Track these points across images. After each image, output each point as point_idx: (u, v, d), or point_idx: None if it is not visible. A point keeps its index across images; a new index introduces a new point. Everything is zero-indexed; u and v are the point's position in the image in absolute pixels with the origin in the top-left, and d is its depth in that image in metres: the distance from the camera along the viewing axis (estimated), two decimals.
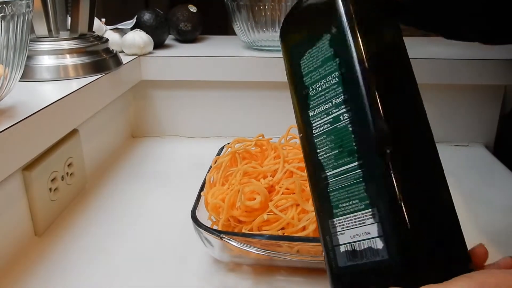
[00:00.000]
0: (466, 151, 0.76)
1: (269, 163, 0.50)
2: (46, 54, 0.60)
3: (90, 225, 0.53)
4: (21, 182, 0.48)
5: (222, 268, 0.45)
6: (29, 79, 0.59)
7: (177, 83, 0.78)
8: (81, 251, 0.48)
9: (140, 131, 0.82)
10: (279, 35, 0.37)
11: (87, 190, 0.61)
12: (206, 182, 0.50)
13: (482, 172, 0.68)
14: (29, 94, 0.54)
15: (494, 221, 0.54)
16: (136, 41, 0.74)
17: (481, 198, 0.59)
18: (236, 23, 0.79)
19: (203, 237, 0.43)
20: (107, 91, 0.65)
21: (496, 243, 0.50)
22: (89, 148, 0.63)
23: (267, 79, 0.75)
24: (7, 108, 0.47)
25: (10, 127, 0.42)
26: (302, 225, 0.42)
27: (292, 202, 0.43)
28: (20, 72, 0.46)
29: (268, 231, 0.43)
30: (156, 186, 0.63)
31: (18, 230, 0.48)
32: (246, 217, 0.44)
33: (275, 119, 0.79)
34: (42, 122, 0.48)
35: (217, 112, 0.80)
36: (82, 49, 0.63)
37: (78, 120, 0.57)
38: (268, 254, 0.41)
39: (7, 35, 0.41)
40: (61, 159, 0.55)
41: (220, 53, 0.77)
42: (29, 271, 0.45)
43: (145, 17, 0.79)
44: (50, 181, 0.52)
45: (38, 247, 0.49)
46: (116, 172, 0.67)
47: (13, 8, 0.40)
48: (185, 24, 0.85)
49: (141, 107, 0.80)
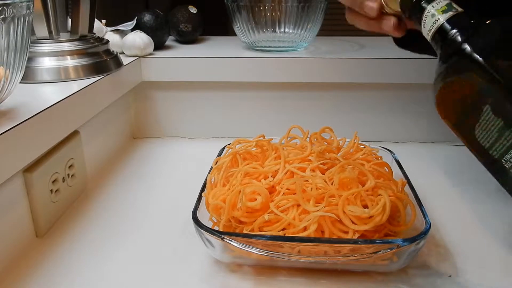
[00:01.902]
0: (466, 151, 0.75)
1: (270, 164, 0.50)
2: (46, 56, 0.60)
3: (91, 226, 0.53)
4: (22, 183, 0.48)
5: (223, 269, 0.45)
6: (29, 80, 0.59)
7: (178, 84, 0.78)
8: (82, 253, 0.48)
9: (141, 132, 0.82)
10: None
11: (88, 191, 0.61)
12: (207, 183, 0.50)
13: (482, 172, 0.68)
14: (30, 96, 0.54)
15: (494, 221, 0.54)
16: (137, 42, 0.74)
17: (482, 198, 0.59)
18: (236, 23, 0.79)
19: (204, 238, 0.43)
20: (107, 92, 0.65)
21: (496, 243, 0.50)
22: (90, 150, 0.63)
23: (268, 80, 0.75)
24: (8, 110, 0.47)
25: (11, 129, 0.42)
26: (303, 225, 0.42)
27: (293, 202, 0.43)
28: (20, 74, 0.46)
29: (269, 231, 0.43)
30: (157, 187, 0.63)
31: (19, 231, 0.48)
32: (247, 217, 0.44)
33: (276, 120, 0.79)
34: (43, 123, 0.48)
35: (217, 113, 0.80)
36: (83, 50, 0.63)
37: (79, 122, 0.57)
38: (269, 255, 0.41)
39: (7, 37, 0.41)
40: (62, 161, 0.55)
41: (220, 53, 0.77)
42: (30, 273, 0.45)
43: (145, 18, 0.79)
44: (51, 182, 0.52)
45: (39, 249, 0.49)
46: (117, 173, 0.67)
47: (13, 9, 0.40)
48: (185, 25, 0.85)
49: (142, 108, 0.81)
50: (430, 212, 0.46)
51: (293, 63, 0.73)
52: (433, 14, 0.35)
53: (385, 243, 0.40)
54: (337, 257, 0.41)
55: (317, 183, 0.45)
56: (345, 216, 0.42)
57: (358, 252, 0.40)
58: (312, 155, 0.50)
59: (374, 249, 0.39)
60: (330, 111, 0.76)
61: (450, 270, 0.45)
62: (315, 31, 0.79)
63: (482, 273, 0.45)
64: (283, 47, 0.79)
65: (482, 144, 0.35)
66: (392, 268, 0.44)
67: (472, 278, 0.44)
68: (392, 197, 0.43)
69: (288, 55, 0.74)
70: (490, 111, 0.33)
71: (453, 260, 0.47)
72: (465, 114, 0.36)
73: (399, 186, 0.47)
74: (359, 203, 0.43)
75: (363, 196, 0.43)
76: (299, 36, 0.78)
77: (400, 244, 0.39)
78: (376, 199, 0.43)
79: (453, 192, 0.61)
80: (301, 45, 0.80)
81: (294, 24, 0.77)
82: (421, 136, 0.78)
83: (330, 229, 0.42)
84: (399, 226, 0.44)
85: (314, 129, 0.55)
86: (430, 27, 0.36)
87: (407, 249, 0.40)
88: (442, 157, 0.73)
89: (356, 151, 0.53)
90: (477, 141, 0.35)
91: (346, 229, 0.42)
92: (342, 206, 0.42)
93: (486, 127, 0.34)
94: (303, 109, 0.78)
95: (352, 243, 0.40)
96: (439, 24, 0.35)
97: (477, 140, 0.35)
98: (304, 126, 0.56)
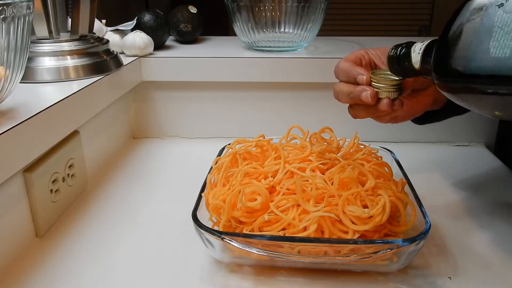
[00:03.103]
0: (467, 151, 0.76)
1: (270, 164, 0.50)
2: (46, 56, 0.60)
3: (91, 226, 0.53)
4: (22, 183, 0.48)
5: (223, 269, 0.45)
6: (29, 80, 0.59)
7: (178, 84, 0.78)
8: (82, 252, 0.48)
9: (141, 132, 0.82)
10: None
11: (88, 191, 0.61)
12: (207, 183, 0.50)
13: (483, 172, 0.68)
14: (30, 96, 0.54)
15: (494, 221, 0.54)
16: (137, 42, 0.74)
17: (482, 198, 0.59)
18: (236, 23, 0.79)
19: (204, 238, 0.43)
20: (107, 92, 0.65)
21: (496, 243, 0.50)
22: (90, 149, 0.63)
23: (268, 80, 0.75)
24: (8, 110, 0.47)
25: (11, 128, 0.42)
26: (303, 225, 0.42)
27: (293, 202, 0.43)
28: (21, 73, 0.46)
29: (269, 231, 0.43)
30: (157, 187, 0.63)
31: (19, 231, 0.48)
32: (247, 217, 0.44)
33: (276, 120, 0.79)
34: (43, 123, 0.48)
35: (217, 113, 0.80)
36: (83, 50, 0.63)
37: (79, 122, 0.57)
38: (269, 255, 0.41)
39: (7, 37, 0.41)
40: (62, 161, 0.55)
41: (220, 53, 0.77)
42: (30, 273, 0.45)
43: (146, 18, 0.79)
44: (51, 182, 0.52)
45: (39, 249, 0.49)
46: (117, 173, 0.67)
47: (13, 9, 0.40)
48: (185, 25, 0.85)
49: (142, 108, 0.81)
50: (430, 212, 0.46)
51: (293, 63, 0.73)
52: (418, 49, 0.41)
53: (385, 243, 0.40)
54: (337, 257, 0.41)
55: (317, 183, 0.45)
56: (345, 216, 0.42)
57: (358, 252, 0.40)
58: (312, 155, 0.50)
59: (374, 249, 0.39)
60: (330, 111, 0.76)
61: (450, 270, 0.45)
62: (315, 31, 0.79)
63: (482, 273, 0.45)
64: (283, 47, 0.79)
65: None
66: (392, 268, 0.44)
67: (472, 278, 0.44)
68: (392, 197, 0.43)
69: (288, 55, 0.74)
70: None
71: (453, 260, 0.47)
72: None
73: (399, 186, 0.47)
74: (359, 203, 0.43)
75: (363, 196, 0.43)
76: (299, 36, 0.78)
77: (400, 244, 0.39)
78: (376, 199, 0.43)
79: (453, 192, 0.61)
80: (301, 45, 0.80)
81: (294, 24, 0.77)
82: (421, 136, 0.78)
83: (330, 229, 0.42)
84: (399, 226, 0.44)
85: (314, 129, 0.55)
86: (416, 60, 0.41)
87: (407, 249, 0.40)
88: (442, 157, 0.73)
89: (356, 151, 0.53)
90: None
91: (346, 229, 0.42)
92: (342, 206, 0.42)
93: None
94: (303, 109, 0.78)
95: (352, 243, 0.40)
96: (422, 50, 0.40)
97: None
98: (304, 126, 0.56)
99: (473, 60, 0.33)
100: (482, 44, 0.32)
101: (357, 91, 0.45)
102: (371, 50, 0.50)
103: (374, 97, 0.44)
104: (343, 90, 0.47)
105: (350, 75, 0.46)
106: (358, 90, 0.45)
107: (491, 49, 0.32)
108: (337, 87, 0.48)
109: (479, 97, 0.35)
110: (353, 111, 0.48)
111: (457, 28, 0.34)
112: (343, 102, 0.48)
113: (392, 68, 0.44)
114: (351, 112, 0.49)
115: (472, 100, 0.36)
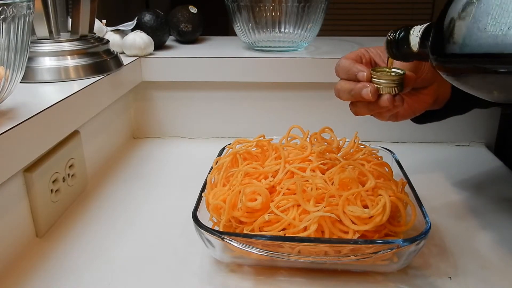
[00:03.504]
0: (467, 151, 0.76)
1: (270, 164, 0.50)
2: (47, 56, 0.60)
3: (91, 226, 0.53)
4: (22, 183, 0.48)
5: (223, 269, 0.45)
6: (30, 80, 0.59)
7: (178, 84, 0.78)
8: (83, 252, 0.48)
9: (141, 132, 0.82)
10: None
11: (88, 191, 0.61)
12: (207, 183, 0.50)
13: (483, 172, 0.68)
14: (30, 96, 0.54)
15: (494, 221, 0.54)
16: (137, 42, 0.74)
17: (482, 198, 0.59)
18: (236, 23, 0.79)
19: (204, 238, 0.43)
20: (108, 92, 0.65)
21: (496, 243, 0.50)
22: (90, 149, 0.63)
23: (268, 80, 0.75)
24: (8, 110, 0.48)
25: (11, 128, 0.42)
26: (303, 225, 0.42)
27: (293, 202, 0.43)
28: (21, 73, 0.46)
29: (269, 231, 0.43)
30: (157, 187, 0.64)
31: (20, 231, 0.48)
32: (247, 217, 0.44)
33: (276, 120, 0.79)
34: (43, 123, 0.48)
35: (218, 113, 0.80)
36: (83, 50, 0.63)
37: (79, 122, 0.57)
38: (269, 255, 0.41)
39: (8, 37, 0.41)
40: (62, 161, 0.55)
41: (220, 54, 0.77)
42: (30, 273, 0.45)
43: (146, 18, 0.79)
44: (52, 182, 0.52)
45: (39, 249, 0.49)
46: (117, 173, 0.67)
47: (14, 9, 0.40)
48: (185, 25, 0.85)
49: (142, 108, 0.81)
50: (430, 212, 0.46)
51: (293, 63, 0.73)
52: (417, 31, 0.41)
53: (385, 244, 0.40)
54: (337, 257, 0.41)
55: (317, 183, 0.45)
56: (345, 216, 0.42)
57: (358, 252, 0.40)
58: (312, 155, 0.50)
59: (374, 249, 0.39)
60: (330, 111, 0.76)
61: (450, 270, 0.45)
62: (315, 31, 0.79)
63: (482, 273, 0.45)
64: (283, 47, 0.79)
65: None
66: (392, 268, 0.44)
67: (472, 278, 0.44)
68: (392, 197, 0.43)
69: (288, 55, 0.74)
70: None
71: (453, 260, 0.47)
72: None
73: (399, 186, 0.47)
74: (359, 203, 0.43)
75: (363, 196, 0.43)
76: (299, 36, 0.78)
77: (400, 245, 0.39)
78: (376, 199, 0.43)
79: (453, 192, 0.61)
80: (301, 45, 0.80)
81: (294, 24, 0.77)
82: (421, 136, 0.78)
83: (330, 229, 0.42)
84: (399, 226, 0.44)
85: (314, 129, 0.55)
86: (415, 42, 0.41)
87: (407, 249, 0.40)
88: (442, 157, 0.73)
89: (356, 151, 0.53)
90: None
91: (346, 229, 0.42)
92: (342, 206, 0.42)
93: None
94: (303, 109, 0.78)
95: (352, 243, 0.40)
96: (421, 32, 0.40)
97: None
98: (304, 126, 0.56)
99: (470, 39, 0.33)
100: (480, 22, 0.32)
101: (357, 88, 0.45)
102: (371, 49, 0.50)
103: (374, 93, 0.44)
104: (344, 87, 0.47)
105: (350, 73, 0.46)
106: (359, 87, 0.45)
107: (488, 26, 0.32)
108: (338, 85, 0.48)
109: (477, 77, 0.34)
110: (355, 108, 0.48)
111: (455, 7, 0.34)
112: (344, 99, 0.48)
113: (390, 52, 0.44)
114: (352, 109, 0.49)
115: (471, 80, 0.35)
